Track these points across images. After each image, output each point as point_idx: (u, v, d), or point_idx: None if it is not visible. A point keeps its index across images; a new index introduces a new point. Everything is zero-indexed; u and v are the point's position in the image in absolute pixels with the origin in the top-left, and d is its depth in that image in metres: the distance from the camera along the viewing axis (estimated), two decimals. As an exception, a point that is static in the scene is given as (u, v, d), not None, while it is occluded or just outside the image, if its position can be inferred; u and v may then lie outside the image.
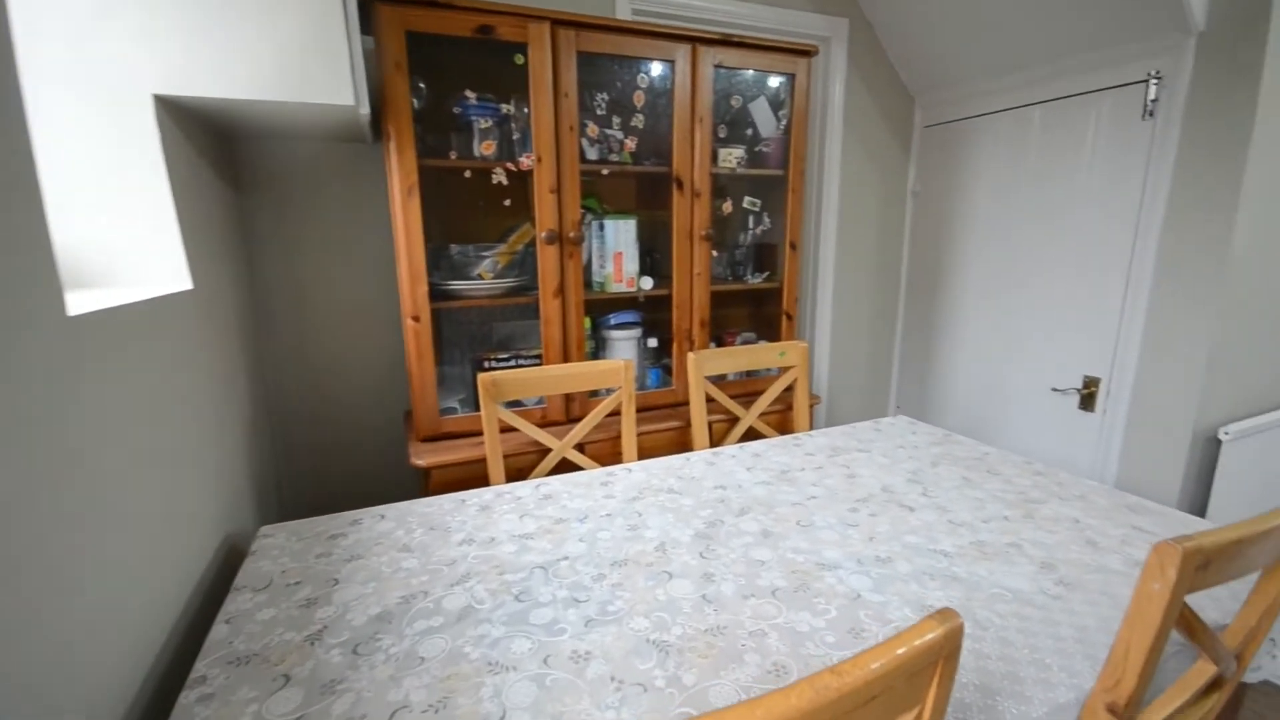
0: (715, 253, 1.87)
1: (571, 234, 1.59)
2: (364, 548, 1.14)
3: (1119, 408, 1.81)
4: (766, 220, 1.93)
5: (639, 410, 1.84)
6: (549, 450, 1.57)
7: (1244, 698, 1.09)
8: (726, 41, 1.67)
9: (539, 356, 1.68)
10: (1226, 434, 1.64)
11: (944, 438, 1.67)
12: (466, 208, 1.70)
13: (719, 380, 1.93)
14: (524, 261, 1.69)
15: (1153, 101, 1.66)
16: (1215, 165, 1.54)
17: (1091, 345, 1.88)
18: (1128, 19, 1.63)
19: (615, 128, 1.67)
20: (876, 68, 2.28)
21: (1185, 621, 0.67)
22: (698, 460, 1.54)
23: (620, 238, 1.69)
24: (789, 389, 1.85)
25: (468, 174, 1.55)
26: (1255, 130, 1.47)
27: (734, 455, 1.57)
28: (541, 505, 1.30)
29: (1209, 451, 1.68)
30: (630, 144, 1.68)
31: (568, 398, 1.71)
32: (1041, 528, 1.18)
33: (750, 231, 1.95)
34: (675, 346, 1.82)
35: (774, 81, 1.85)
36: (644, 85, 1.68)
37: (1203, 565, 0.63)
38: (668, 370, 1.87)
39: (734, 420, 1.81)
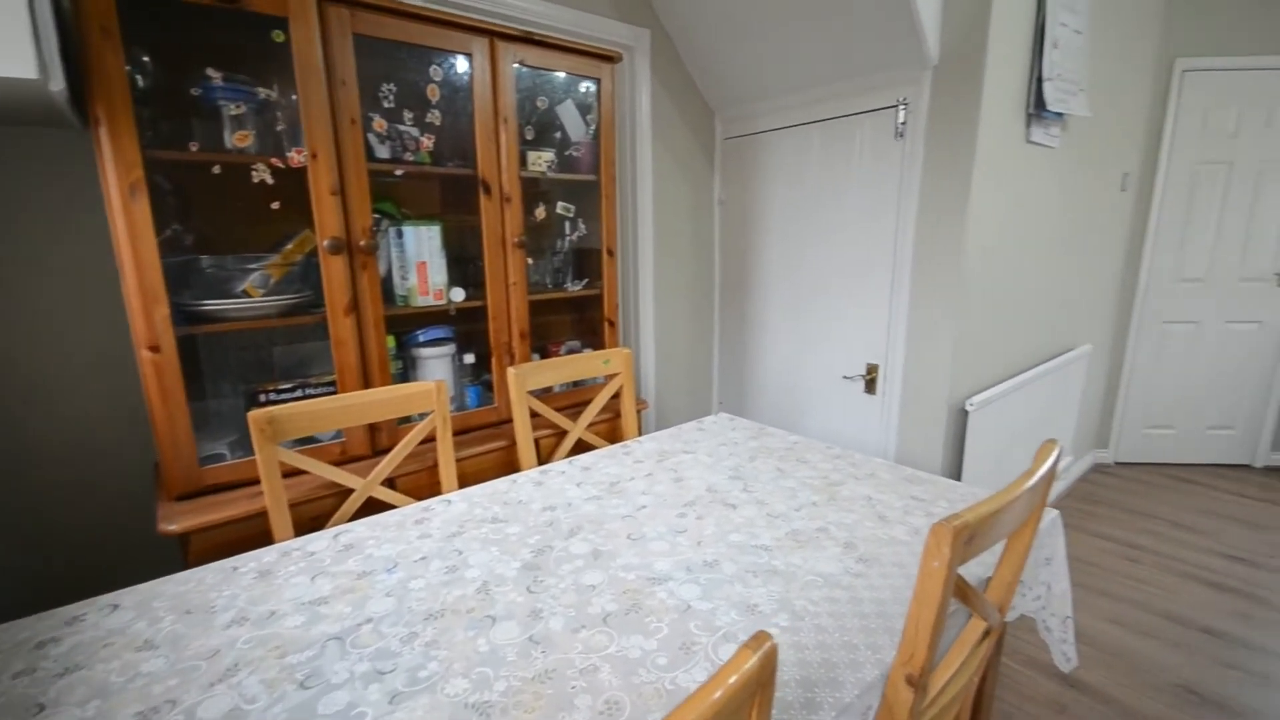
0: (531, 260, 1.79)
1: (362, 242, 1.40)
2: (86, 653, 0.88)
3: (894, 389, 2.08)
4: (583, 226, 1.90)
5: (459, 433, 1.69)
6: (351, 491, 1.37)
7: (1003, 632, 1.28)
8: (528, 39, 1.60)
9: (333, 384, 1.46)
10: (972, 404, 1.97)
11: (759, 431, 1.77)
12: (223, 211, 1.42)
13: (544, 393, 1.86)
14: (306, 274, 1.45)
15: (902, 124, 1.93)
16: (950, 179, 1.83)
17: (870, 336, 2.14)
18: (880, 52, 1.88)
19: (408, 124, 1.51)
20: (679, 80, 2.37)
21: (959, 590, 0.74)
22: (525, 481, 1.45)
23: (423, 246, 1.53)
24: (616, 396, 1.84)
25: (217, 169, 1.28)
26: (978, 148, 1.77)
27: (563, 471, 1.50)
28: (341, 558, 1.12)
29: (960, 420, 2.00)
30: (427, 142, 1.53)
31: (372, 428, 1.51)
32: (842, 508, 1.28)
33: (567, 238, 1.90)
34: (495, 361, 1.70)
35: (582, 85, 1.82)
36: (438, 79, 1.54)
37: (969, 539, 0.70)
38: (489, 387, 1.75)
39: (563, 434, 1.75)
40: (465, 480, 1.55)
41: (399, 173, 1.51)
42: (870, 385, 2.17)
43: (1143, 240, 3.04)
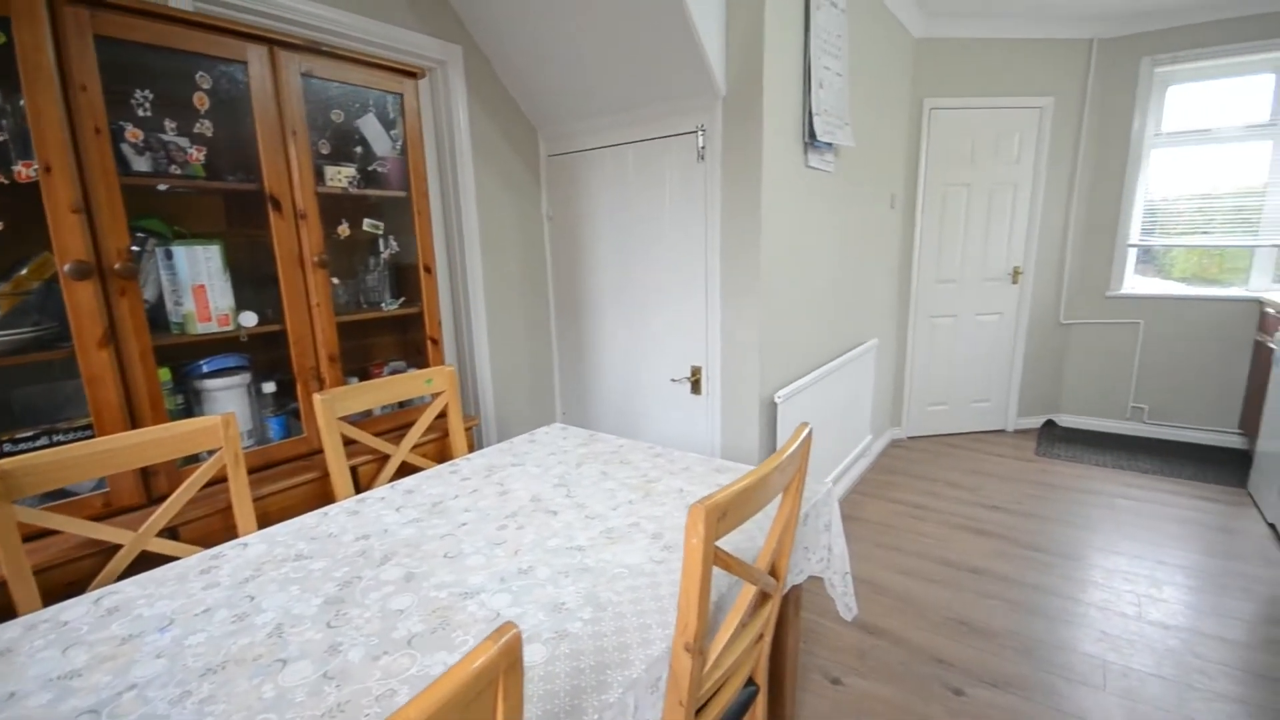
0: (339, 280, 1.70)
1: (118, 265, 1.24)
2: None
3: (715, 388, 2.27)
4: (395, 244, 1.84)
5: (263, 468, 1.55)
6: (119, 547, 1.20)
7: (800, 594, 1.45)
8: (315, 50, 1.52)
9: (89, 427, 1.27)
10: (780, 397, 2.20)
11: (590, 438, 1.84)
12: (-78, 232, 1.18)
13: (364, 418, 1.77)
14: (45, 304, 1.25)
15: (702, 148, 2.12)
16: (744, 198, 2.05)
17: (693, 341, 2.31)
18: (677, 83, 2.05)
19: (172, 133, 1.36)
20: (498, 97, 2.39)
21: (721, 561, 0.85)
22: (339, 512, 1.38)
23: (200, 267, 1.39)
24: (442, 415, 1.80)
25: (-90, 184, 1.07)
26: (764, 171, 2.00)
27: (383, 497, 1.45)
28: (103, 624, 0.99)
29: (771, 412, 2.23)
30: (199, 155, 1.40)
31: (146, 473, 1.33)
32: (656, 503, 1.38)
33: (381, 256, 1.83)
34: (301, 388, 1.59)
35: (386, 99, 1.76)
36: (207, 87, 1.41)
37: (722, 515, 0.81)
38: (296, 416, 1.63)
39: (385, 459, 1.67)
40: (268, 520, 1.43)
41: (163, 187, 1.36)
42: (695, 386, 2.34)
43: (911, 249, 3.61)
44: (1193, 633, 2.00)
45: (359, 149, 1.71)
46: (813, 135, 2.19)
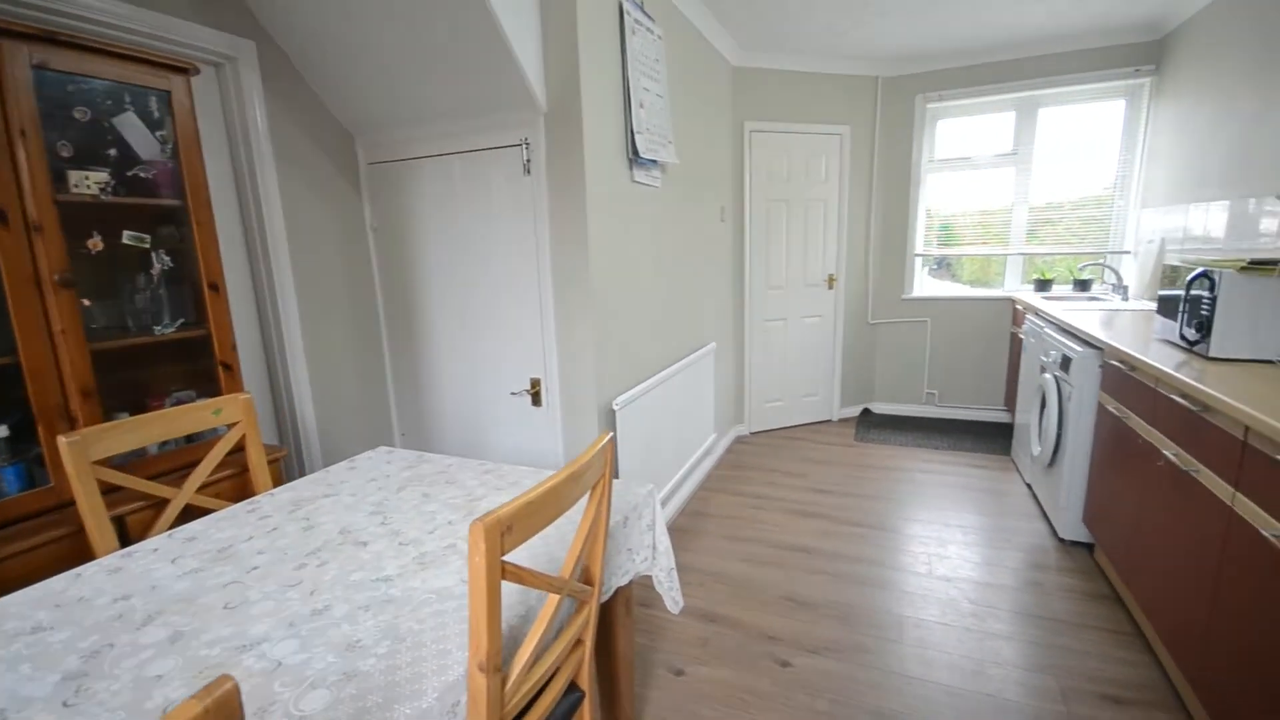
0: (90, 301, 1.45)
1: None
2: None
3: (555, 399, 2.28)
4: (168, 259, 1.62)
5: (-8, 530, 1.29)
6: None
7: (630, 593, 1.49)
8: (50, 38, 1.31)
9: None
10: (618, 404, 2.27)
11: (417, 460, 1.75)
12: None
13: (136, 458, 1.53)
14: None
15: (528, 161, 2.13)
16: (571, 212, 2.09)
17: (532, 353, 2.30)
18: (497, 96, 2.04)
19: None
20: (304, 99, 2.22)
21: (513, 575, 0.85)
22: (96, 572, 1.18)
23: (-119, 291, 1.12)
24: (239, 449, 1.62)
25: None
26: (588, 186, 2.05)
27: (156, 548, 1.26)
28: None
29: (610, 419, 2.29)
30: (-127, 153, 1.13)
31: None
32: (477, 521, 1.35)
33: (152, 272, 1.60)
34: (43, 430, 1.34)
35: (151, 96, 1.55)
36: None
37: (507, 530, 0.81)
38: (41, 463, 1.37)
39: (164, 503, 1.46)
40: (4, 588, 1.19)
41: None
42: (536, 398, 2.33)
43: (743, 258, 3.91)
44: (969, 582, 2.36)
45: (113, 151, 1.48)
46: (636, 152, 2.29)
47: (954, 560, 2.52)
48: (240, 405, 1.58)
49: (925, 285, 4.42)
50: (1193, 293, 1.92)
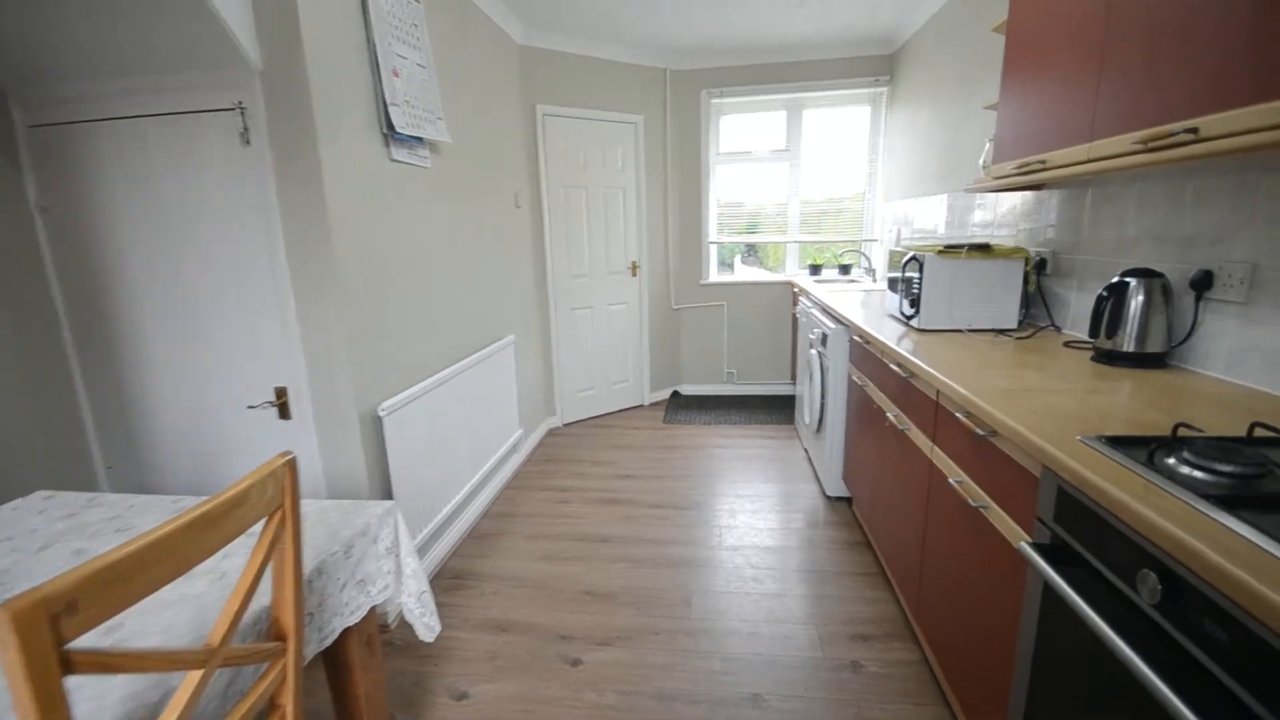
0: None
1: None
2: None
3: (307, 410, 1.97)
4: None
5: None
6: None
7: (370, 630, 1.31)
8: None
9: None
10: (384, 410, 2.02)
11: (86, 503, 1.38)
12: None
13: None
14: None
15: (246, 130, 1.79)
16: (305, 192, 1.79)
17: (273, 357, 1.96)
18: (195, 46, 1.67)
19: None
20: (-103, 31, 1.62)
21: (92, 664, 0.63)
22: None
23: None
24: None
25: None
26: (323, 162, 1.77)
27: None
28: None
29: (376, 428, 2.04)
30: None
31: None
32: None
33: None
34: None
35: None
36: None
37: (67, 609, 0.60)
38: None
39: None
40: None
41: None
42: (283, 410, 2.00)
43: (544, 246, 3.80)
44: (753, 548, 2.53)
45: None
46: (391, 126, 2.05)
47: (741, 529, 2.69)
48: None
49: (736, 271, 4.70)
50: (907, 274, 2.21)
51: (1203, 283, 1.42)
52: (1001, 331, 2.06)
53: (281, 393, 1.98)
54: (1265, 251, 1.29)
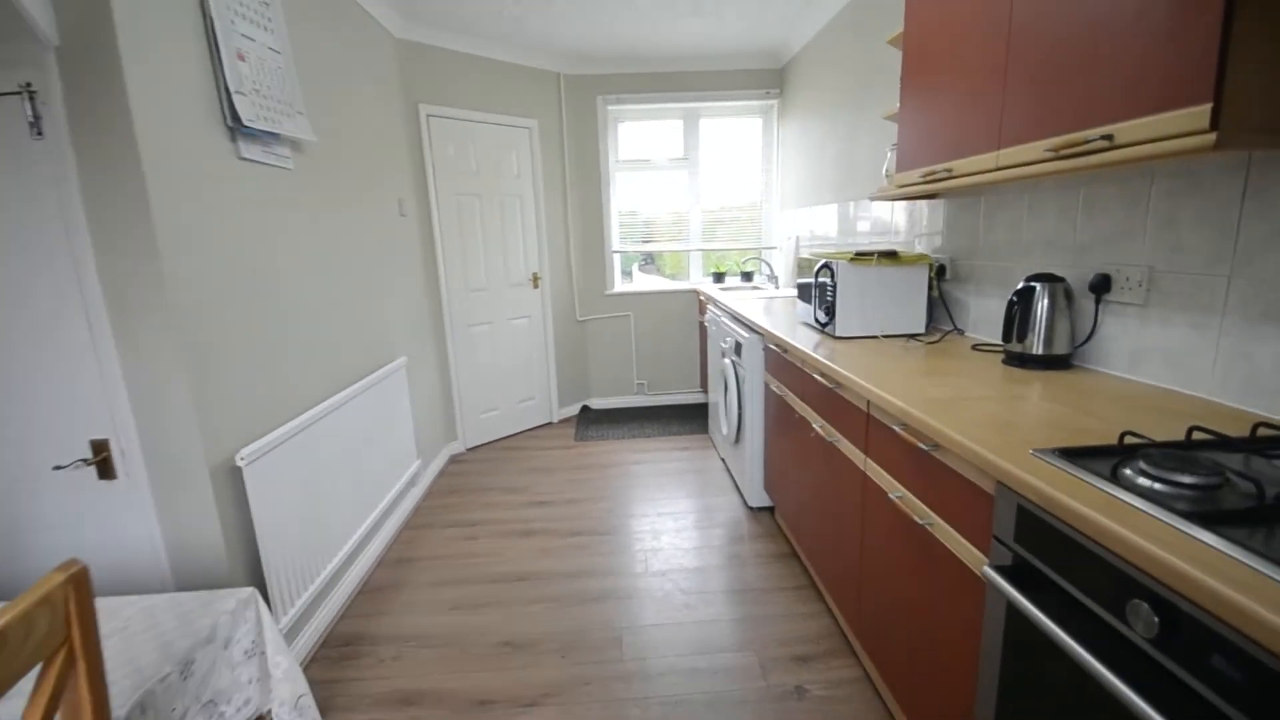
0: None
1: None
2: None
3: (138, 466, 1.58)
4: None
5: None
6: None
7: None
8: None
9: None
10: (243, 458, 1.68)
11: None
12: None
13: None
14: None
15: (38, 120, 1.40)
16: (121, 195, 1.43)
17: (87, 404, 1.55)
18: (-51, 4, 1.27)
19: None
20: None
21: None
22: None
23: None
24: None
25: None
26: (144, 158, 1.42)
27: None
28: None
29: (235, 480, 1.68)
30: None
31: None
32: None
33: None
34: None
35: None
36: None
37: None
38: None
39: None
40: None
41: None
42: (104, 468, 1.59)
43: (435, 259, 3.48)
44: (680, 571, 2.40)
45: None
46: (237, 119, 1.71)
47: (666, 552, 2.56)
48: None
49: (636, 280, 4.59)
50: (820, 280, 2.19)
51: (1101, 286, 1.48)
52: (912, 336, 2.09)
53: (101, 446, 1.58)
54: (1161, 256, 1.35)
